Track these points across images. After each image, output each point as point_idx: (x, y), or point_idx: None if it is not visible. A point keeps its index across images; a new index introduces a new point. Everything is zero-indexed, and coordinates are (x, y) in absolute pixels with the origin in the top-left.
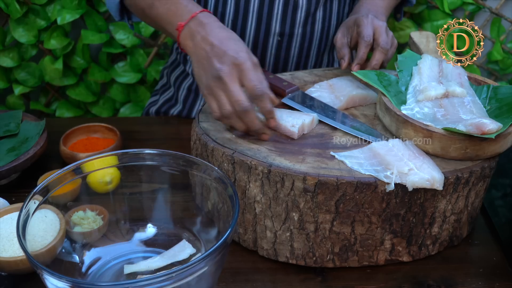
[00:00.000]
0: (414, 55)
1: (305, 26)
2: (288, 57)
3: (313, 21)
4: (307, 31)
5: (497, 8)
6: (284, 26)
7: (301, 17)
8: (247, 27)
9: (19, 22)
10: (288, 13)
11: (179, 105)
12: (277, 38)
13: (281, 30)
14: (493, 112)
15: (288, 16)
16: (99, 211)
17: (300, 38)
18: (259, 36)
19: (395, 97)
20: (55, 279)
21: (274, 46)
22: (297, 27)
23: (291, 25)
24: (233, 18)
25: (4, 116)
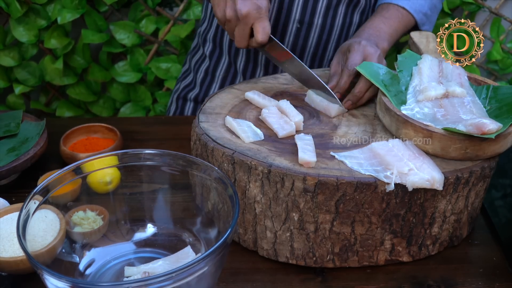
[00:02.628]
0: (414, 55)
1: (325, 17)
2: (305, 46)
3: (334, 14)
4: (327, 23)
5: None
6: (304, 13)
7: (322, 7)
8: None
9: (19, 21)
10: (309, 1)
11: (197, 88)
12: (296, 25)
13: (301, 17)
14: (493, 112)
15: (309, 4)
16: (99, 211)
17: (319, 29)
18: (279, 21)
19: (395, 97)
20: (55, 279)
21: (293, 33)
22: (317, 17)
23: (311, 13)
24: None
25: (4, 116)
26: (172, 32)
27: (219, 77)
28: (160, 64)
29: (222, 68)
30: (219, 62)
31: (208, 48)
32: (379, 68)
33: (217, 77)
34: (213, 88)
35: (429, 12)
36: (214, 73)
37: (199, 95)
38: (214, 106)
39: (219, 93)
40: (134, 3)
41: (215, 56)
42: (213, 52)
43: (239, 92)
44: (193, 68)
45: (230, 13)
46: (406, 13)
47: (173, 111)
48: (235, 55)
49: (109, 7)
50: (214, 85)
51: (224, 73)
